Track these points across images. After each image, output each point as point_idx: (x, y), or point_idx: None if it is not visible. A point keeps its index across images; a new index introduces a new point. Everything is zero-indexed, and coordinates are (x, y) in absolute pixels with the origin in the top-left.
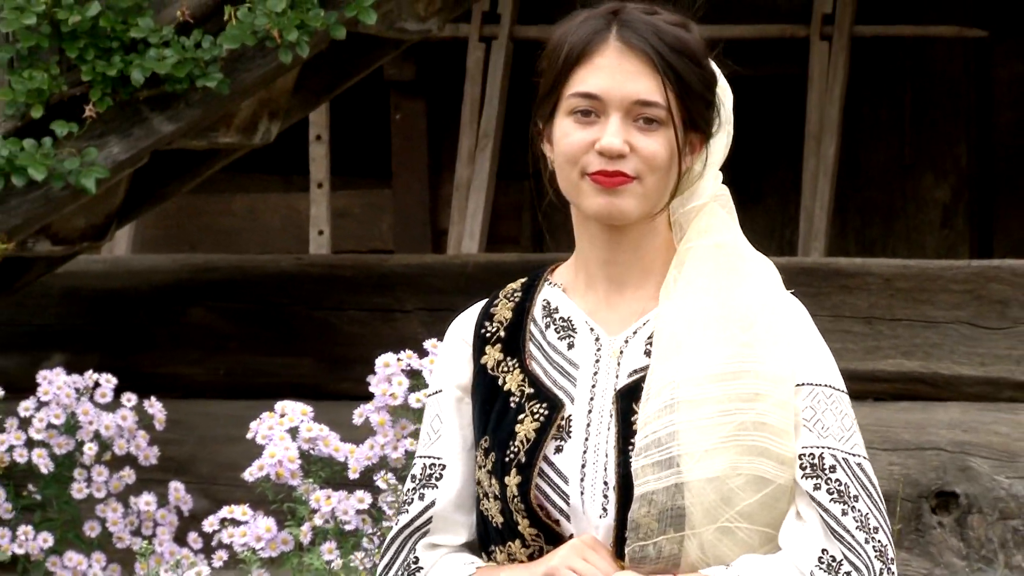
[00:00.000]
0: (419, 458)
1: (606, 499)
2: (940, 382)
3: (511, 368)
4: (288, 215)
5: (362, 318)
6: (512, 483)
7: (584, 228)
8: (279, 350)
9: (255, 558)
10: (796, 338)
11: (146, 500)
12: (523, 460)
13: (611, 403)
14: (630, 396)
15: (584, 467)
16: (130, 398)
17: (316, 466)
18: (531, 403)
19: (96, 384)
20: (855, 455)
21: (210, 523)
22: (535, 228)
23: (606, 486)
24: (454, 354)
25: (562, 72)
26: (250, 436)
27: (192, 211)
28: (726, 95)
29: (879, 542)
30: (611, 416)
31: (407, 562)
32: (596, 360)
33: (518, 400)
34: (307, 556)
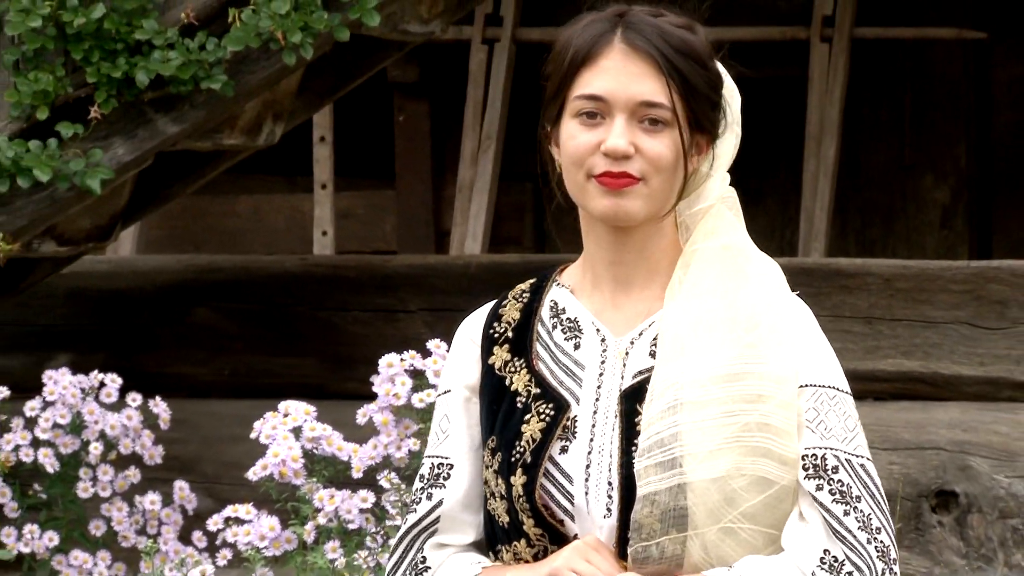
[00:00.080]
0: (427, 457)
1: (610, 499)
2: (940, 382)
3: (518, 368)
4: (292, 216)
5: (366, 318)
6: (518, 483)
7: (591, 229)
8: (283, 350)
9: (259, 557)
10: (800, 339)
11: (151, 499)
12: (528, 460)
13: (616, 404)
14: (635, 397)
15: (588, 467)
16: (135, 398)
17: (319, 465)
18: (537, 403)
19: (101, 384)
20: (858, 456)
21: (214, 522)
22: (537, 229)
23: (610, 486)
24: (463, 354)
25: (567, 75)
26: (254, 436)
27: (197, 212)
28: (733, 97)
29: (881, 543)
30: (616, 417)
31: (415, 561)
32: (602, 361)
33: (525, 400)
34: (311, 555)
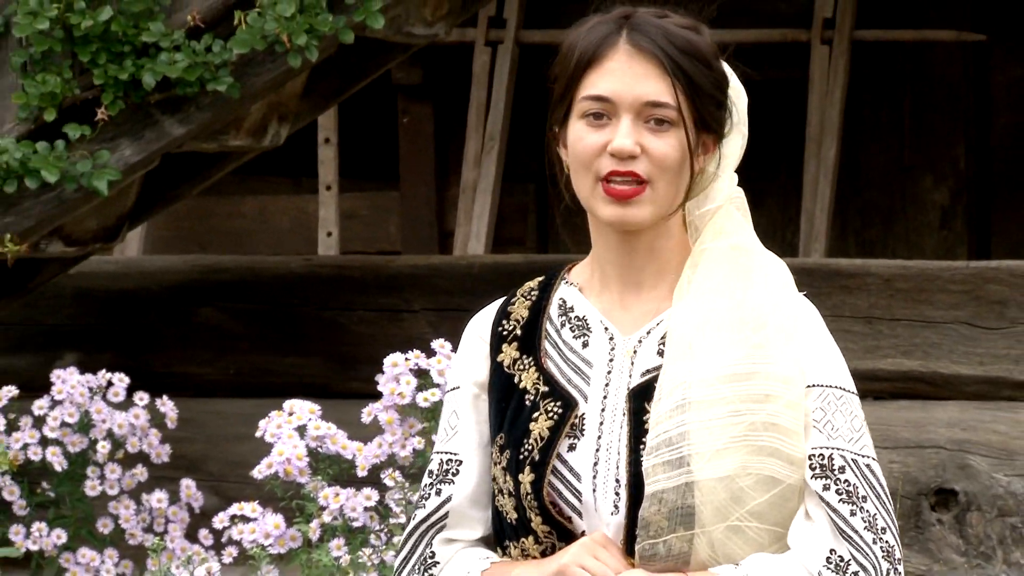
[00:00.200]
0: (436, 454)
1: (617, 497)
2: (939, 381)
3: (527, 366)
4: (297, 217)
5: (370, 318)
6: (526, 480)
7: (599, 231)
8: (288, 350)
9: (264, 554)
10: (807, 339)
11: (158, 497)
12: (537, 458)
13: (624, 402)
14: (642, 395)
15: (596, 465)
16: (143, 397)
17: (324, 464)
18: (546, 401)
19: (109, 383)
20: (864, 456)
21: (220, 520)
22: (540, 230)
23: (618, 484)
24: (472, 351)
25: (574, 76)
26: (259, 434)
27: (203, 213)
28: (739, 97)
29: (887, 543)
30: (624, 415)
31: (423, 556)
32: (610, 359)
33: (533, 398)
34: (315, 552)
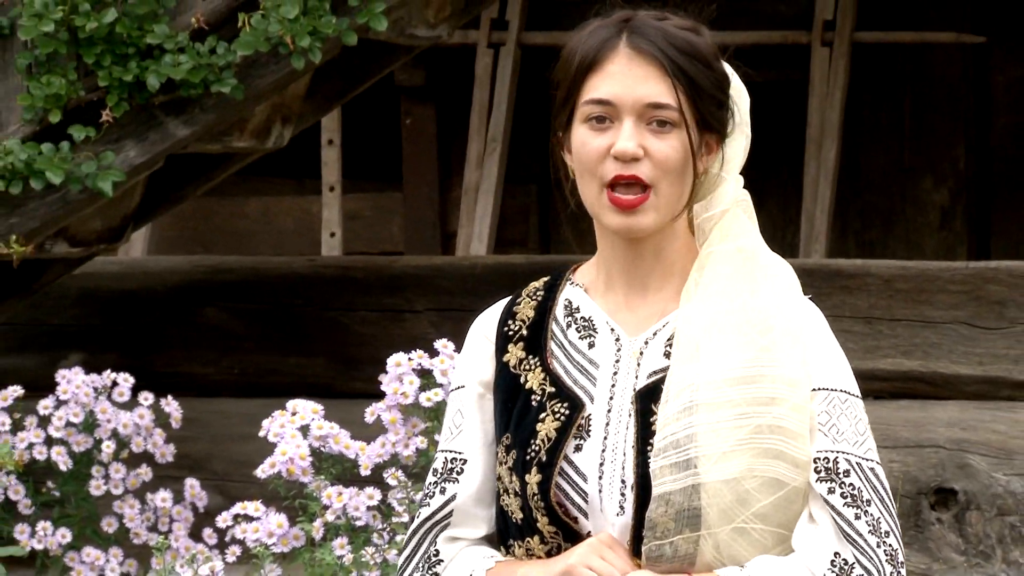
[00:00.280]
0: (440, 452)
1: (623, 497)
2: (939, 381)
3: (533, 367)
4: (301, 217)
5: (373, 318)
6: (533, 481)
7: (604, 235)
8: (292, 350)
9: (268, 553)
10: (812, 343)
11: (162, 497)
12: (544, 459)
13: (630, 403)
14: (649, 396)
15: (602, 465)
16: (147, 397)
17: (327, 463)
18: (552, 402)
19: (114, 383)
20: (868, 460)
21: (224, 519)
22: (542, 231)
23: (624, 484)
24: (477, 351)
25: (575, 80)
26: (262, 434)
27: (207, 213)
28: (741, 97)
29: (890, 546)
30: (630, 416)
31: (428, 554)
32: (616, 360)
33: (539, 399)
34: (319, 551)
